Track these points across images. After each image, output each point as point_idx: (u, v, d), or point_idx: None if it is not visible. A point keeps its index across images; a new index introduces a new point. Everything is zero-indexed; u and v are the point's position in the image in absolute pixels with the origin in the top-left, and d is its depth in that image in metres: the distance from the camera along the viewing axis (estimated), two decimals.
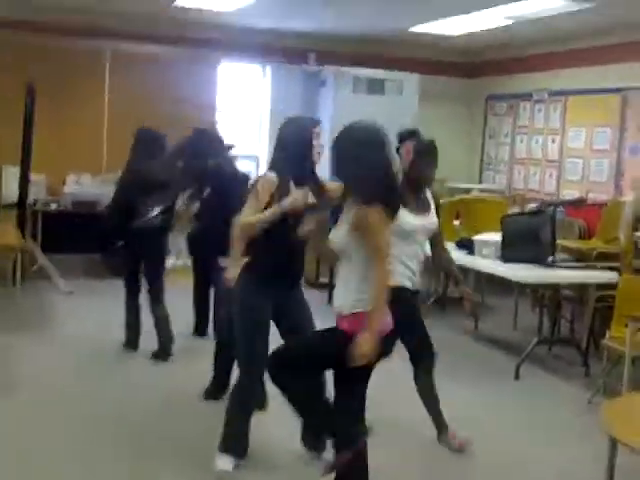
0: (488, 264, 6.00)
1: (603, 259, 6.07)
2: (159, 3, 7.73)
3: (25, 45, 8.28)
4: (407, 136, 4.28)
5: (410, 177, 4.14)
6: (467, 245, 6.35)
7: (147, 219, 5.34)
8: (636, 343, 4.73)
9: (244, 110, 9.69)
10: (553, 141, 8.90)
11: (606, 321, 5.50)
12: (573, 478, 3.98)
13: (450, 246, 6.60)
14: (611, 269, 5.90)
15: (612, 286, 5.57)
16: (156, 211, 5.38)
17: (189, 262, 6.23)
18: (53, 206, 8.09)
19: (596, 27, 7.84)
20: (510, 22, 7.75)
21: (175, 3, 7.57)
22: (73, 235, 7.91)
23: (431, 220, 4.19)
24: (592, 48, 8.24)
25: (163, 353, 5.49)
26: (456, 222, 7.20)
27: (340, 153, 3.24)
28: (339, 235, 3.18)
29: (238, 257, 3.67)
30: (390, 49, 9.52)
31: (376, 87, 9.19)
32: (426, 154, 4.20)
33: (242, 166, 6.98)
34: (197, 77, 9.03)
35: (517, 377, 5.57)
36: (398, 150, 4.17)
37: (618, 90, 7.93)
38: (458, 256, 6.42)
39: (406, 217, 3.85)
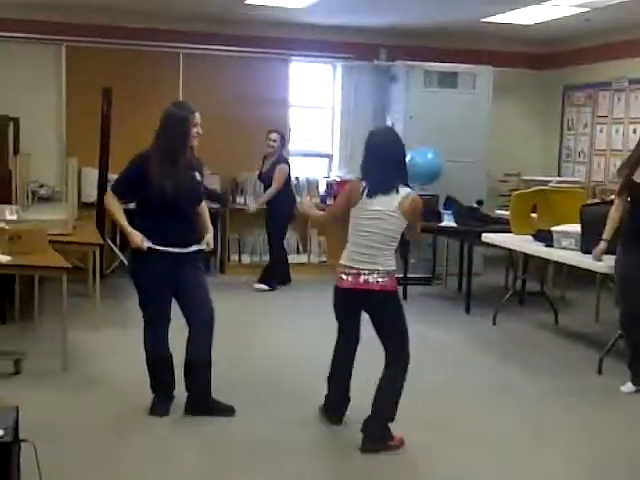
0: (568, 255, 5.84)
1: None
2: (229, 2, 7.80)
3: (100, 50, 8.50)
4: None
5: None
6: (545, 237, 6.20)
7: None
8: None
9: (316, 108, 9.70)
10: (634, 131, 8.60)
11: None
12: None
13: (527, 239, 6.52)
14: None
15: None
16: None
17: None
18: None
19: None
20: (586, 9, 7.53)
21: (246, 1, 7.62)
22: None
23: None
24: None
25: None
26: (533, 215, 7.03)
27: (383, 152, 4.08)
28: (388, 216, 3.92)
29: None
30: (462, 41, 9.38)
31: (448, 81, 9.06)
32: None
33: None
34: (269, 75, 9.10)
35: (600, 372, 5.39)
36: None
37: None
38: (536, 248, 6.31)
39: None
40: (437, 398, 4.79)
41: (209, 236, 4.38)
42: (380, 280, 3.90)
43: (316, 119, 9.70)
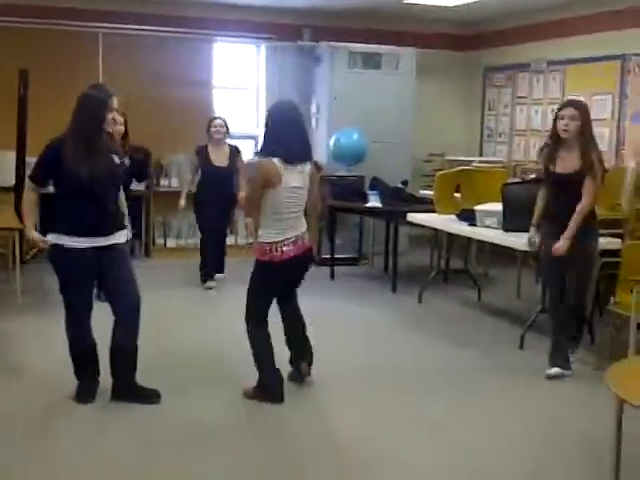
0: (490, 234, 5.97)
1: (606, 226, 6.01)
2: None
3: (16, 30, 8.21)
4: None
5: None
6: (469, 216, 6.32)
7: None
8: None
9: (240, 89, 9.62)
10: (553, 111, 8.80)
11: (610, 288, 5.47)
12: (581, 442, 3.96)
13: (451, 218, 6.64)
14: (614, 236, 5.86)
15: (616, 253, 5.54)
16: None
17: None
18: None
19: None
20: None
21: None
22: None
23: None
24: (590, 15, 8.15)
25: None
26: (457, 194, 7.16)
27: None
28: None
29: None
30: (385, 23, 9.43)
31: (372, 62, 9.10)
32: None
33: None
34: (192, 56, 8.95)
35: (522, 346, 5.55)
36: None
37: (617, 57, 7.85)
38: (460, 227, 6.43)
39: None
40: (367, 377, 4.85)
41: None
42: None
43: (240, 100, 9.62)
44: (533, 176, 7.61)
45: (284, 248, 4.26)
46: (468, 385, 4.82)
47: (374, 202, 7.49)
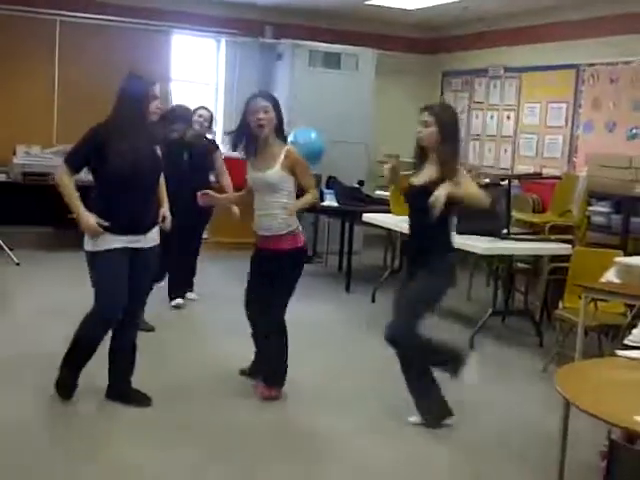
0: None
1: (556, 232, 6.14)
2: None
3: None
4: None
5: None
6: None
7: None
8: (589, 313, 4.80)
9: (199, 83, 9.55)
10: (508, 117, 8.96)
11: (559, 292, 5.57)
12: (527, 441, 4.03)
13: (406, 219, 6.67)
14: (564, 242, 5.97)
15: (565, 258, 5.65)
16: None
17: None
18: (2, 177, 7.91)
19: (551, 4, 7.89)
20: None
21: None
22: (23, 207, 7.79)
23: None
24: (548, 24, 8.30)
25: None
26: None
27: None
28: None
29: None
30: (346, 23, 9.47)
31: (332, 61, 9.14)
32: None
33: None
34: (150, 48, 8.86)
35: (472, 347, 5.62)
36: None
37: (572, 66, 8.01)
38: None
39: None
40: (323, 377, 4.86)
41: (164, 210, 4.29)
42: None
43: (198, 95, 9.56)
44: (487, 181, 7.72)
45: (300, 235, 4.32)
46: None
47: (330, 201, 7.51)
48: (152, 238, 4.06)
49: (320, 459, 3.70)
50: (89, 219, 3.83)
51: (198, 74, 9.52)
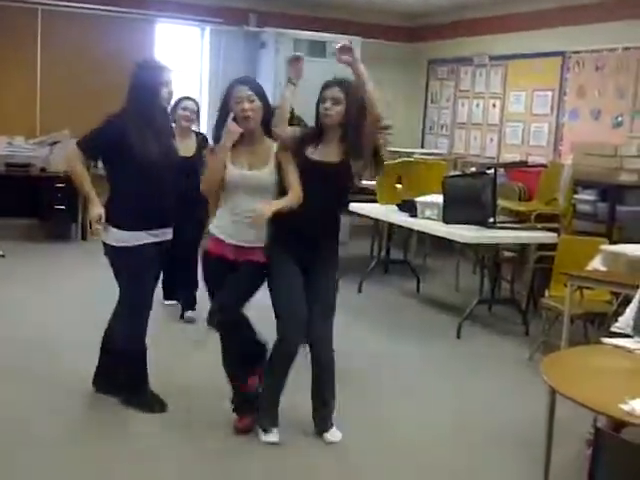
0: (430, 225, 6.02)
1: (542, 220, 6.14)
2: None
3: None
4: None
5: None
6: (410, 207, 6.36)
7: None
8: (574, 301, 4.81)
9: (183, 72, 9.48)
10: (494, 105, 8.94)
11: (545, 281, 5.58)
12: (514, 430, 4.03)
13: (392, 209, 6.67)
14: (550, 230, 5.98)
15: (551, 247, 5.65)
16: None
17: None
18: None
19: None
20: None
21: None
22: (6, 198, 7.74)
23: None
24: (533, 12, 8.27)
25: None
26: (398, 185, 7.20)
27: None
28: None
29: None
30: (332, 11, 9.42)
31: (317, 50, 9.07)
32: None
33: None
34: (133, 37, 8.77)
35: (459, 336, 5.63)
36: None
37: (558, 54, 7.99)
38: (401, 218, 6.47)
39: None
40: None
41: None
42: None
43: (182, 84, 9.48)
44: (474, 169, 7.72)
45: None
46: (404, 375, 4.86)
47: None
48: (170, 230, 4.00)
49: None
50: (97, 212, 3.72)
51: (182, 63, 9.44)
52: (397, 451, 3.75)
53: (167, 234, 3.94)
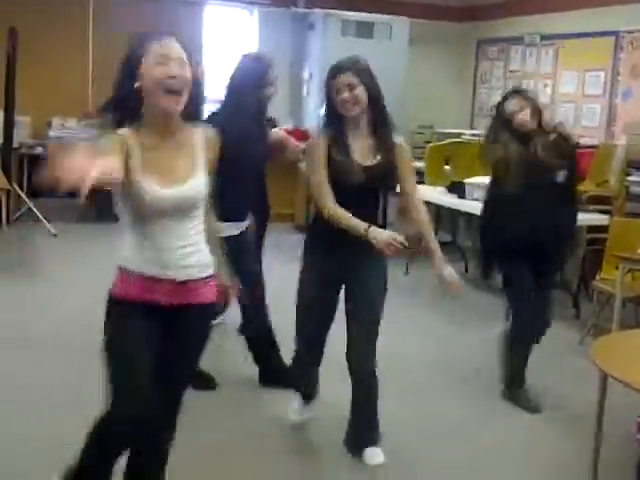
0: (479, 206, 5.95)
1: (594, 202, 6.06)
2: None
3: None
4: None
5: None
6: (458, 189, 6.33)
7: None
8: (626, 284, 4.75)
9: (232, 54, 9.51)
10: (545, 85, 8.81)
11: (596, 264, 5.51)
12: (564, 415, 4.02)
13: (441, 190, 6.63)
14: (602, 212, 5.89)
15: (603, 229, 5.58)
16: None
17: None
18: (39, 149, 7.98)
19: None
20: None
21: None
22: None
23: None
24: None
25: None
26: (447, 167, 7.16)
27: None
28: None
29: None
30: None
31: (365, 30, 9.03)
32: None
33: None
34: (182, 18, 8.82)
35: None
36: None
37: (611, 33, 7.82)
38: (449, 200, 6.44)
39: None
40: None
41: None
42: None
43: (231, 67, 9.52)
44: None
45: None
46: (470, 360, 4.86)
47: None
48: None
49: None
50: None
51: (231, 45, 9.48)
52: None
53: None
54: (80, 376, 4.00)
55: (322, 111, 3.36)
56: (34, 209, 7.62)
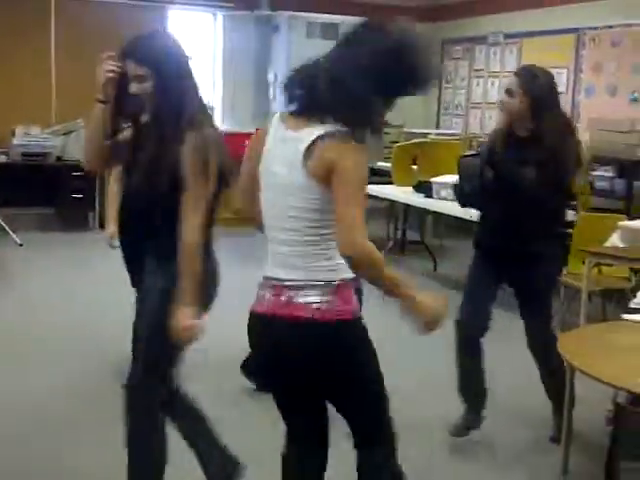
0: (446, 205, 6.01)
1: None
2: None
3: None
4: None
5: None
6: (425, 188, 6.35)
7: None
8: (592, 278, 4.79)
9: (196, 58, 9.47)
10: None
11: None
12: (531, 407, 4.04)
13: (408, 190, 6.66)
14: (567, 207, 5.94)
15: (569, 224, 5.62)
16: None
17: None
18: (2, 159, 7.87)
19: None
20: None
21: None
22: (23, 188, 7.79)
23: None
24: None
25: None
26: (413, 166, 7.19)
27: None
28: None
29: None
30: None
31: (330, 32, 9.01)
32: None
33: None
34: (146, 22, 8.75)
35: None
36: None
37: (573, 30, 7.91)
38: (416, 199, 6.47)
39: None
40: None
41: None
42: (316, 301, 2.14)
43: (195, 70, 9.47)
44: None
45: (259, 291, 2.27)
46: (422, 354, 4.87)
47: None
48: None
49: None
50: None
51: (195, 49, 9.44)
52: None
53: None
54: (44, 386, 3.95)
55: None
56: None
